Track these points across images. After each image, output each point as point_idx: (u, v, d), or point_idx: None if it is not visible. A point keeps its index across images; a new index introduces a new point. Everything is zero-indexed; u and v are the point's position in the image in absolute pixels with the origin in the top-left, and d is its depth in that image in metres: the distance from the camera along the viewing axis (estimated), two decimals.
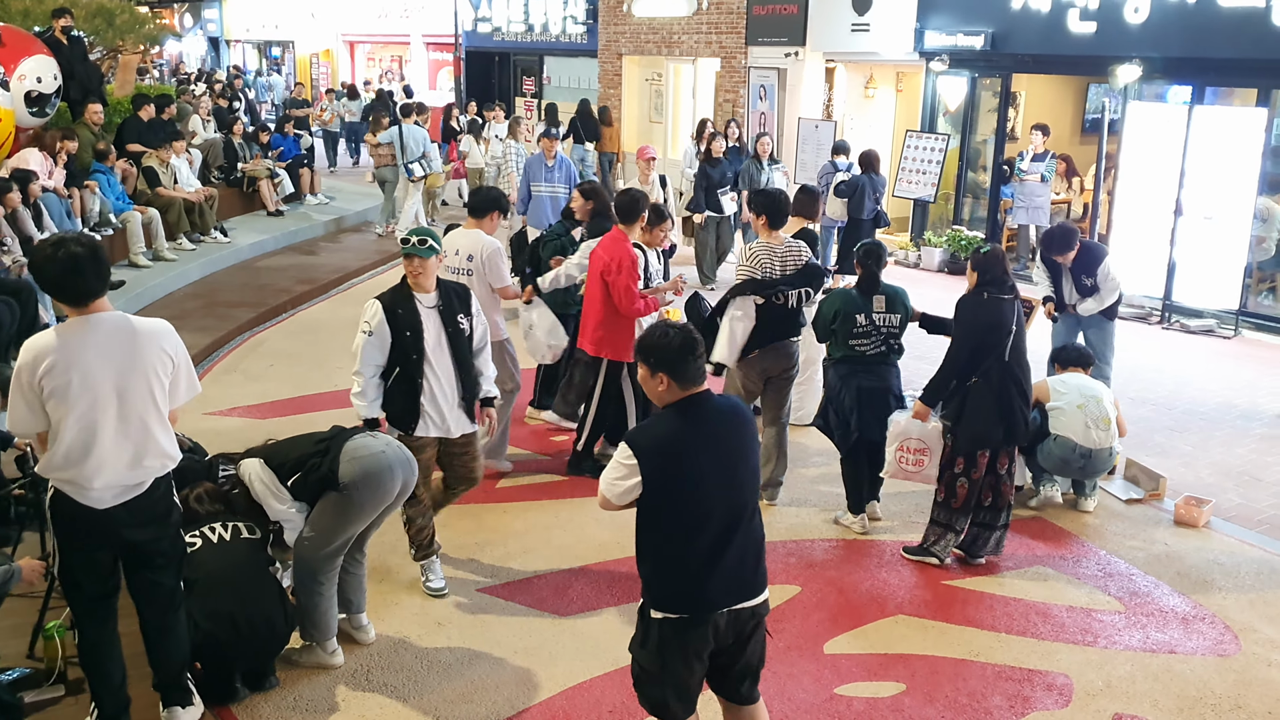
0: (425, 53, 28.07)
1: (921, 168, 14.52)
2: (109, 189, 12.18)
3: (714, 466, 3.68)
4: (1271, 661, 5.38)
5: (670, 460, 3.67)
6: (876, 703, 4.97)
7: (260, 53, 36.25)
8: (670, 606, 3.72)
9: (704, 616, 3.70)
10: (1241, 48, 11.17)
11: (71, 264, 3.99)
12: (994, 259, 6.06)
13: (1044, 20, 13.03)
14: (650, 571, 3.78)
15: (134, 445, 4.15)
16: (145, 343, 4.16)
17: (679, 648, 3.73)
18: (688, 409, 3.74)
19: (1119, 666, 5.30)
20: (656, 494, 3.67)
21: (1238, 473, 7.75)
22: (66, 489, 4.12)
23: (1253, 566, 6.36)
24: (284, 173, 16.40)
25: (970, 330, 5.99)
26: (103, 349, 4.06)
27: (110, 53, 17.06)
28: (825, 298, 6.75)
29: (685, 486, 3.67)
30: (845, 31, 15.72)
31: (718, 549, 3.69)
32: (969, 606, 5.85)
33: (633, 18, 19.98)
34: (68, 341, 4.03)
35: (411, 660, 5.21)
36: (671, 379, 3.71)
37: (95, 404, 4.04)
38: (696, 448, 3.68)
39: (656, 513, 3.72)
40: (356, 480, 4.83)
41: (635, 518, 3.79)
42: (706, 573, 3.68)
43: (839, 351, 6.55)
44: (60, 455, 4.07)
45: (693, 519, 3.67)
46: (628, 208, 7.23)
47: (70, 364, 4.00)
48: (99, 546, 4.24)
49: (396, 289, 5.64)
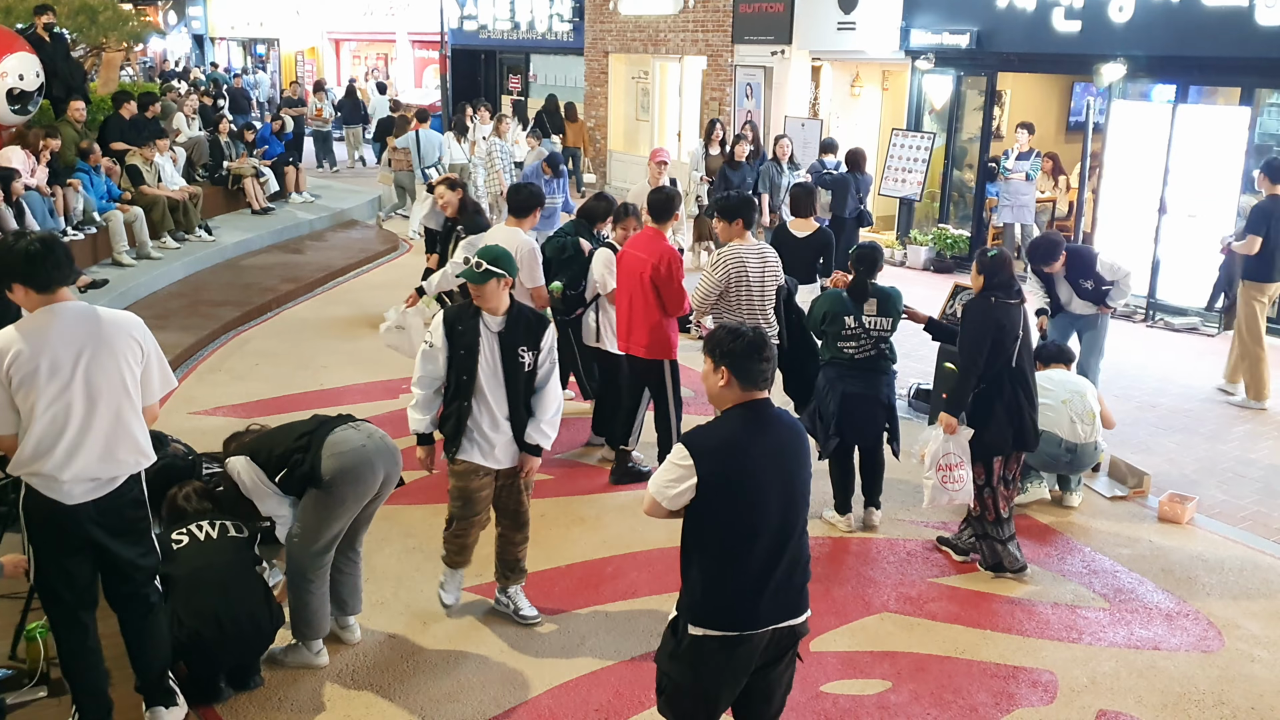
0: (411, 51, 28.03)
1: (907, 166, 14.55)
2: (91, 188, 12.12)
3: (774, 477, 3.55)
4: (1255, 657, 5.40)
5: (730, 466, 3.53)
6: (862, 700, 4.97)
7: (245, 50, 36.13)
8: (716, 623, 3.55)
9: (749, 635, 3.56)
10: (1225, 46, 11.21)
11: (35, 250, 4.01)
12: (1000, 262, 5.93)
13: (1029, 19, 13.06)
14: (696, 585, 3.59)
15: (105, 434, 4.12)
16: (112, 330, 4.15)
17: (720, 666, 3.58)
18: (750, 415, 3.60)
19: (1104, 663, 5.32)
20: (712, 500, 3.52)
21: (1221, 470, 7.78)
22: (36, 483, 4.08)
23: (1236, 563, 6.39)
24: (269, 171, 16.36)
25: (981, 335, 5.82)
26: (69, 335, 4.04)
27: (93, 50, 16.99)
28: (816, 299, 6.70)
29: (743, 495, 3.52)
30: (831, 30, 15.74)
31: (770, 564, 3.54)
32: (954, 604, 5.86)
33: (619, 16, 19.97)
34: (33, 330, 4.01)
35: (398, 659, 5.20)
36: (734, 375, 3.56)
37: (64, 389, 4.01)
38: (758, 455, 3.54)
39: (709, 522, 3.56)
40: (337, 476, 4.81)
41: (683, 525, 3.65)
42: (758, 588, 3.53)
43: (828, 353, 6.53)
44: (30, 447, 4.03)
45: (748, 530, 3.52)
46: (662, 205, 7.05)
47: (37, 351, 3.97)
48: (73, 552, 4.20)
49: (466, 304, 5.27)
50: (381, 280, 13.14)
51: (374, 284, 12.83)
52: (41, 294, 4.06)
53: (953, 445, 5.96)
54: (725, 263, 6.58)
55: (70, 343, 4.04)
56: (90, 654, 4.35)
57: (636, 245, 6.94)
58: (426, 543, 6.33)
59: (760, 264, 6.67)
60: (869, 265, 6.49)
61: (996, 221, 14.14)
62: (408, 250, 15.11)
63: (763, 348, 3.59)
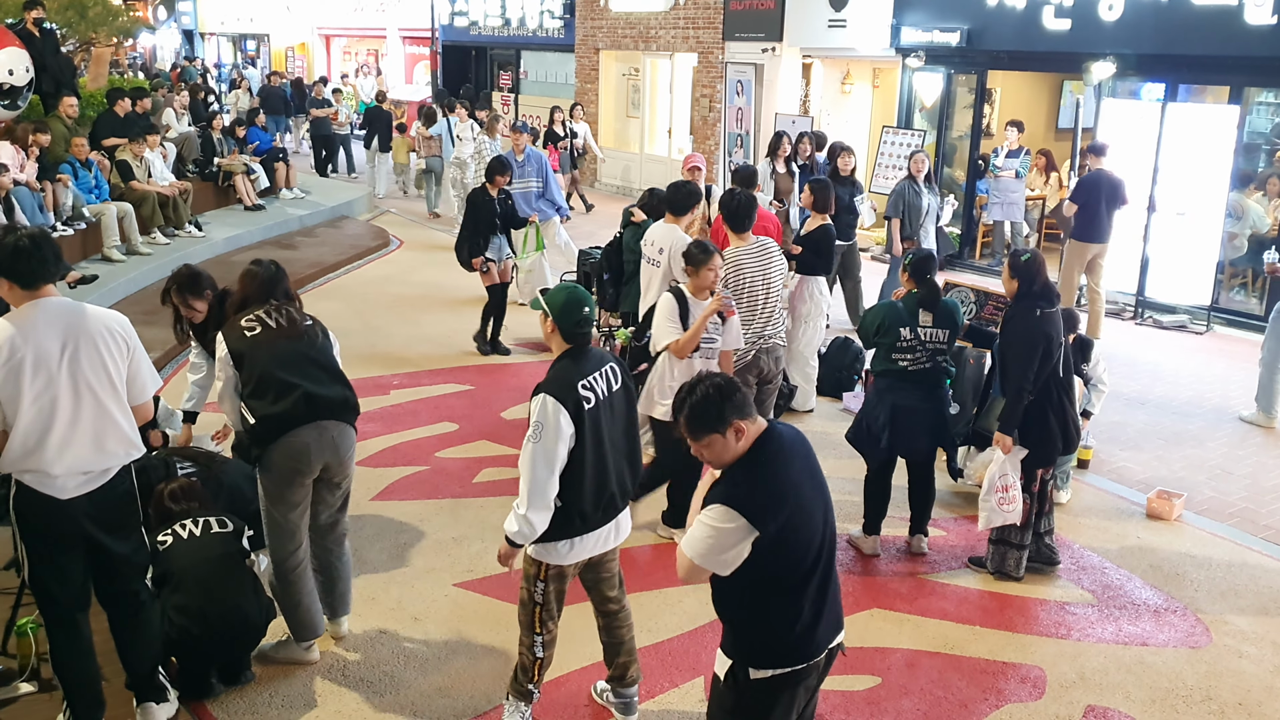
0: (402, 47, 27.95)
1: (898, 163, 14.56)
2: (78, 182, 12.07)
3: (815, 498, 3.39)
4: (1242, 653, 5.43)
5: (786, 510, 3.29)
6: (852, 695, 4.99)
7: (235, 46, 36.02)
8: (784, 661, 3.38)
9: (816, 662, 3.44)
10: (1214, 45, 11.26)
11: (25, 245, 4.01)
12: (1036, 266, 5.76)
13: (1019, 17, 13.09)
14: (756, 629, 3.40)
15: (94, 426, 4.12)
16: (96, 324, 4.15)
17: (789, 702, 3.44)
18: (773, 447, 3.37)
19: (1092, 659, 5.35)
20: (772, 550, 3.28)
21: (1209, 467, 7.82)
22: (28, 479, 4.07)
23: (1223, 559, 6.42)
24: (259, 167, 16.33)
25: (1032, 350, 5.63)
26: (54, 329, 4.04)
27: (83, 45, 16.93)
28: (870, 309, 6.47)
29: (801, 533, 3.32)
30: (822, 27, 15.75)
31: (821, 587, 3.40)
32: (944, 600, 5.89)
33: (610, 12, 19.95)
34: (17, 324, 4.00)
35: (388, 655, 5.20)
36: (743, 422, 3.33)
37: (50, 382, 4.01)
38: (800, 485, 3.36)
39: (768, 570, 3.32)
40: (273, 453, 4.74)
41: (722, 578, 3.38)
42: (816, 613, 3.38)
43: (880, 365, 6.26)
44: (18, 443, 4.02)
45: (808, 561, 3.34)
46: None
47: (22, 344, 3.96)
48: (66, 549, 4.18)
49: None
50: (373, 276, 13.13)
51: (365, 279, 12.82)
52: (26, 290, 4.06)
53: (1008, 465, 5.80)
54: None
55: (55, 336, 4.04)
56: (83, 653, 4.35)
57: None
58: (417, 539, 6.34)
59: (761, 263, 6.67)
60: (923, 275, 6.23)
61: (987, 219, 14.20)
62: (399, 246, 15.10)
63: (734, 391, 3.35)
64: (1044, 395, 5.74)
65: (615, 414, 4.34)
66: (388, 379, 9.00)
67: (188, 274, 5.76)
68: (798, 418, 8.32)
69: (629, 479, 4.45)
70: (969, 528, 6.61)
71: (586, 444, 4.17)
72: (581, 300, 4.36)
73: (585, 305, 4.37)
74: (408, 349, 10.07)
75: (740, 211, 6.70)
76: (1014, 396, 5.72)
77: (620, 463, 4.37)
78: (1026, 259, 5.80)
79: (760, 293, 6.61)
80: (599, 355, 4.39)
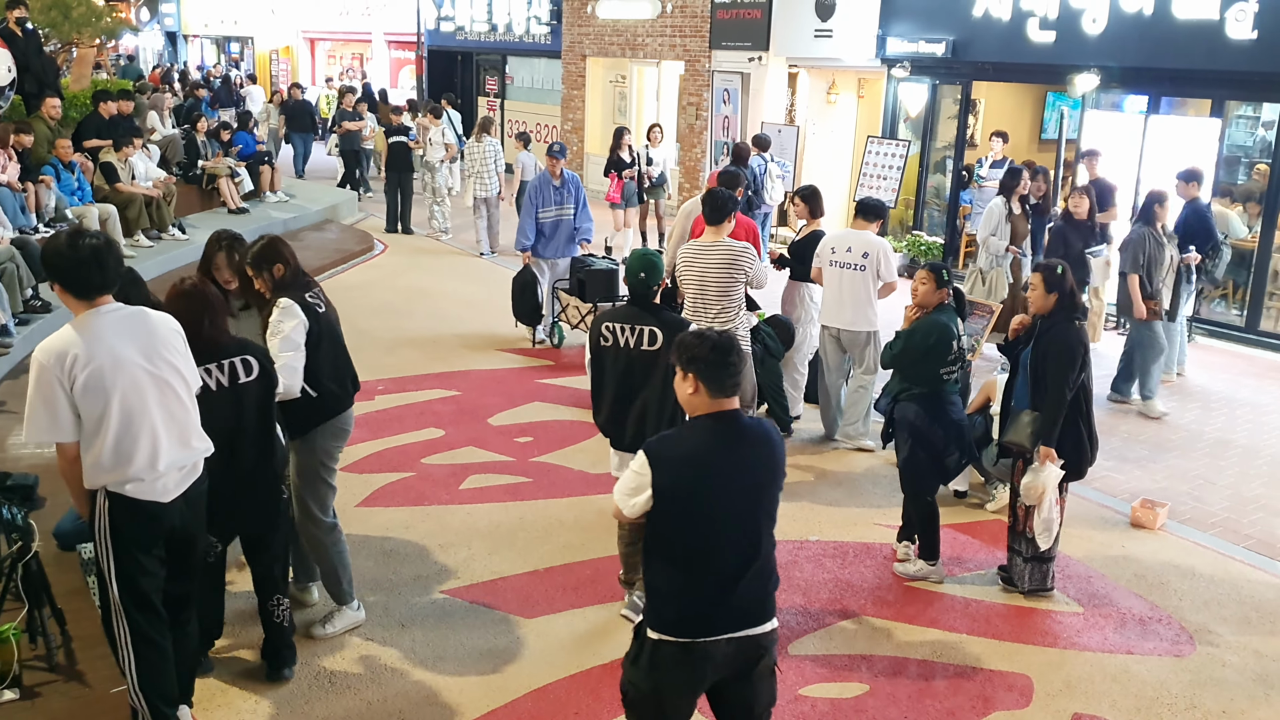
0: (387, 51, 27.93)
1: (882, 173, 14.63)
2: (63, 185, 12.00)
3: (736, 489, 3.50)
4: (1226, 662, 5.47)
5: (690, 477, 3.49)
6: (840, 703, 5.00)
7: (219, 48, 35.89)
8: (672, 629, 3.52)
9: (705, 644, 3.52)
10: (1196, 59, 11.35)
11: (92, 256, 3.93)
12: (1068, 277, 5.71)
13: (1004, 29, 13.17)
14: (657, 591, 3.58)
15: (179, 423, 4.11)
16: (158, 324, 4.14)
17: (677, 673, 3.55)
18: (717, 425, 3.55)
19: (1078, 667, 5.37)
20: (670, 510, 3.50)
21: (1192, 476, 7.87)
22: (129, 489, 4.00)
23: (1207, 568, 6.47)
24: (244, 171, 16.27)
25: (1073, 364, 5.57)
26: (122, 333, 3.99)
27: (66, 46, 16.84)
28: (913, 330, 6.05)
29: (701, 507, 3.48)
30: (808, 37, 15.81)
31: (732, 574, 3.51)
32: (932, 608, 5.90)
33: (597, 19, 19.98)
34: (87, 332, 3.93)
35: (374, 661, 5.18)
36: (701, 383, 3.52)
37: (133, 385, 3.95)
38: (722, 469, 3.49)
39: (668, 530, 3.54)
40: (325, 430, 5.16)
41: (645, 531, 3.63)
42: (717, 597, 3.50)
43: (925, 385, 5.99)
44: (108, 453, 3.94)
45: (707, 541, 3.50)
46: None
47: (96, 351, 3.89)
48: (157, 558, 4.16)
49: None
50: (357, 280, 13.10)
51: (350, 284, 12.79)
52: (80, 299, 3.98)
53: (1055, 479, 5.72)
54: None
55: (126, 340, 3.98)
56: (169, 670, 4.28)
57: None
58: (402, 546, 6.32)
59: (702, 260, 6.91)
60: (950, 283, 6.15)
61: (970, 229, 14.25)
62: (383, 250, 15.07)
63: (730, 353, 3.54)
64: (1075, 406, 5.69)
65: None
66: (373, 384, 8.97)
67: (232, 235, 5.57)
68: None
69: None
70: (953, 535, 6.63)
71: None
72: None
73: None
74: (393, 354, 10.04)
75: (718, 206, 6.91)
76: (1055, 411, 5.61)
77: None
78: (1061, 271, 5.71)
79: (697, 289, 6.95)
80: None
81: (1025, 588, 6.02)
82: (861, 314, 7.90)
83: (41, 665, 4.90)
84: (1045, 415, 5.63)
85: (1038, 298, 5.75)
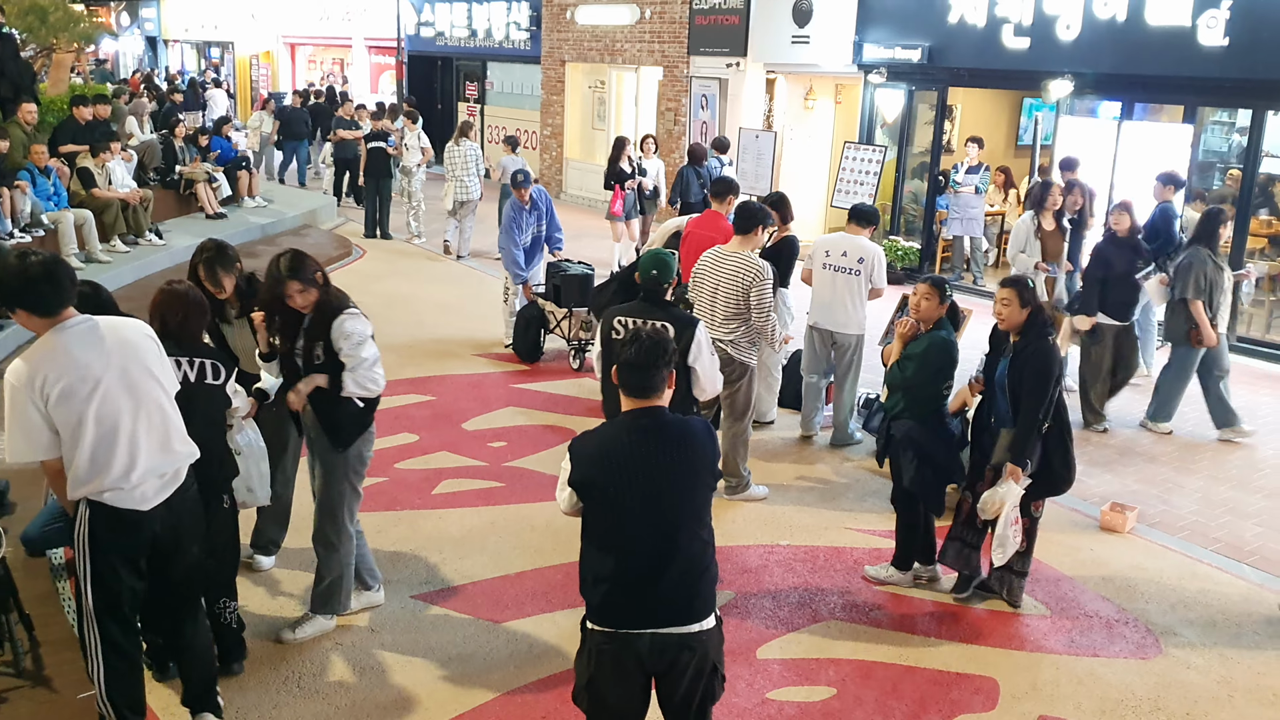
0: (367, 56, 27.87)
1: (859, 179, 14.71)
2: (39, 190, 11.96)
3: (646, 486, 3.55)
4: (1190, 664, 5.52)
5: (600, 473, 3.59)
6: (808, 707, 5.03)
7: (199, 53, 35.78)
8: (599, 618, 3.64)
9: (627, 635, 3.59)
10: (1168, 66, 11.46)
11: (43, 273, 3.90)
12: (1036, 291, 5.63)
13: (979, 35, 13.27)
14: (584, 579, 3.70)
15: (158, 428, 4.09)
16: (128, 332, 4.12)
17: (607, 664, 3.63)
18: (634, 423, 3.63)
19: (1044, 670, 5.41)
20: (586, 504, 3.64)
21: (1161, 480, 7.93)
22: (107, 498, 4.01)
23: (1174, 571, 6.52)
24: (222, 176, 16.24)
25: (1048, 377, 5.47)
26: (90, 345, 3.97)
27: (43, 51, 16.78)
28: (929, 348, 5.95)
29: (609, 502, 3.59)
30: (785, 43, 15.89)
31: (651, 569, 3.57)
32: (900, 611, 5.94)
33: (576, 25, 20.02)
34: (54, 350, 3.91)
35: (343, 666, 5.18)
36: (621, 386, 3.64)
37: (106, 395, 3.94)
38: (630, 462, 3.56)
39: (589, 522, 3.67)
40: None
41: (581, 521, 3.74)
42: (632, 591, 3.57)
43: (928, 403, 5.96)
44: (85, 462, 3.94)
45: (621, 535, 3.59)
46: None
47: (67, 366, 3.88)
48: (134, 568, 4.16)
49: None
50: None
51: None
52: (43, 317, 3.95)
53: (1017, 497, 5.60)
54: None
55: (95, 351, 3.96)
56: (139, 679, 4.31)
57: (701, 225, 8.02)
58: (375, 551, 6.31)
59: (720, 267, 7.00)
60: (949, 295, 6.10)
61: (946, 234, 14.35)
62: (361, 256, 15.05)
63: (655, 357, 3.60)
64: (1057, 420, 5.61)
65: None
66: None
67: (216, 246, 5.50)
68: (759, 428, 8.35)
69: None
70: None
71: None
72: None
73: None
74: None
75: (746, 217, 7.08)
76: (1030, 429, 5.51)
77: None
78: (1034, 286, 5.58)
79: (708, 293, 7.05)
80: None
81: (1007, 598, 5.97)
82: (853, 317, 8.11)
83: (8, 670, 4.89)
84: (1019, 433, 5.54)
85: (1010, 313, 5.61)
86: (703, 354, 5.62)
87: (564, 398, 9.25)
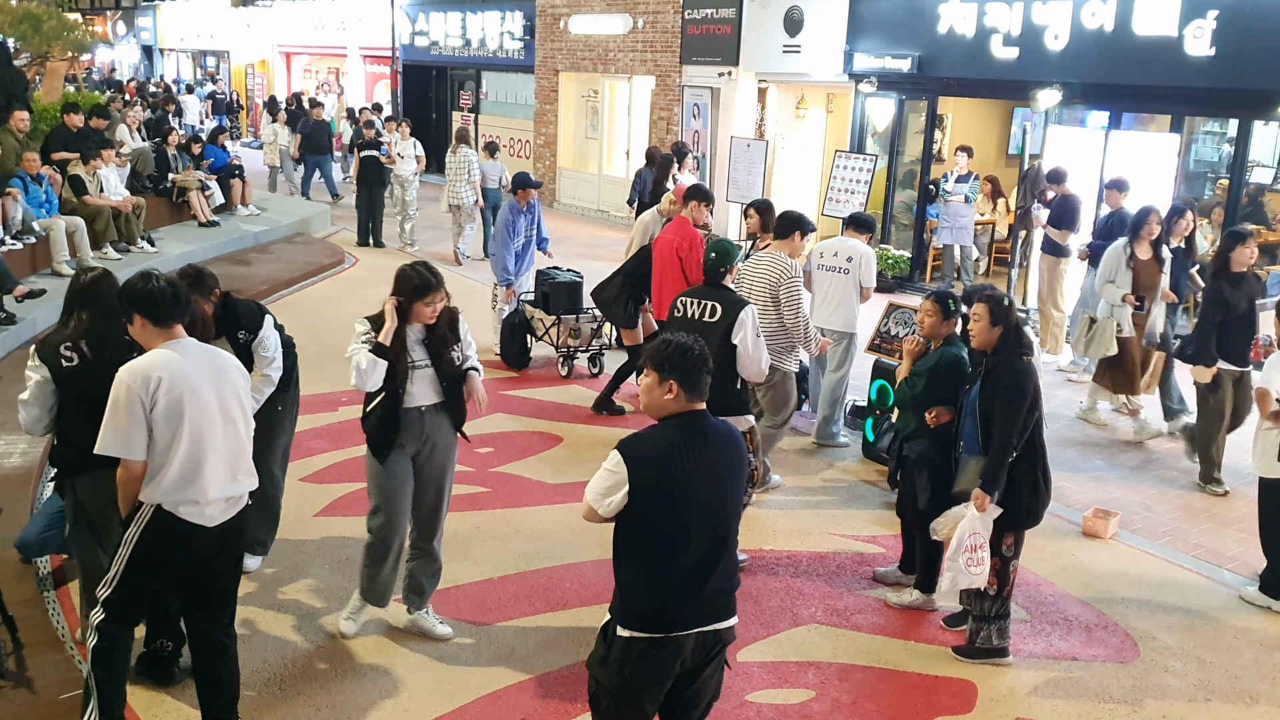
0: (362, 65, 27.95)
1: (850, 187, 14.74)
2: (31, 197, 11.99)
3: (705, 486, 3.61)
4: (1168, 668, 5.55)
5: (664, 473, 3.58)
6: (786, 709, 5.06)
7: (194, 62, 35.86)
8: (642, 625, 3.59)
9: (676, 638, 3.61)
10: (1156, 75, 11.53)
11: (167, 284, 4.22)
12: (1013, 308, 5.38)
13: (969, 45, 13.34)
14: (628, 588, 3.64)
15: (230, 460, 4.29)
16: (226, 362, 4.37)
17: (644, 669, 3.62)
18: (689, 424, 3.67)
19: (1022, 673, 5.44)
20: (644, 507, 3.57)
21: (1143, 487, 7.97)
22: (183, 511, 4.17)
23: (1155, 577, 6.56)
24: (214, 184, 16.27)
25: (1024, 403, 5.19)
26: (199, 366, 4.21)
27: (37, 59, 16.83)
28: (939, 365, 5.79)
29: (675, 503, 3.58)
30: (777, 53, 15.96)
31: (701, 569, 3.62)
32: (880, 616, 5.97)
33: (569, 35, 20.09)
34: (170, 360, 4.14)
35: (325, 667, 5.21)
36: (682, 389, 3.63)
37: (203, 417, 4.16)
38: (693, 464, 3.60)
39: (642, 526, 3.60)
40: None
41: (615, 529, 3.68)
42: (686, 593, 3.60)
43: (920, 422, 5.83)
44: (172, 476, 4.13)
45: (680, 536, 3.59)
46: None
47: (177, 379, 4.10)
48: (170, 582, 4.36)
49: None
50: (326, 293, 13.11)
51: (318, 297, 12.80)
52: (158, 328, 4.20)
53: (980, 524, 5.27)
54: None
55: (202, 371, 4.21)
56: (126, 664, 4.45)
57: (669, 230, 8.43)
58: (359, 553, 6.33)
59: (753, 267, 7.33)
60: (954, 310, 5.87)
61: (936, 243, 14.40)
62: (354, 264, 15.09)
63: (708, 360, 3.70)
64: (1029, 448, 5.28)
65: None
66: (336, 395, 8.99)
67: (194, 272, 5.61)
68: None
69: None
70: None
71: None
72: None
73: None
74: None
75: (783, 224, 7.38)
76: (1002, 454, 5.21)
77: None
78: (1008, 303, 5.35)
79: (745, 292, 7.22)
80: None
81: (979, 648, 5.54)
82: (845, 315, 8.37)
83: None
84: (991, 458, 5.23)
85: (981, 330, 5.33)
86: (747, 333, 5.97)
87: (552, 404, 9.28)
